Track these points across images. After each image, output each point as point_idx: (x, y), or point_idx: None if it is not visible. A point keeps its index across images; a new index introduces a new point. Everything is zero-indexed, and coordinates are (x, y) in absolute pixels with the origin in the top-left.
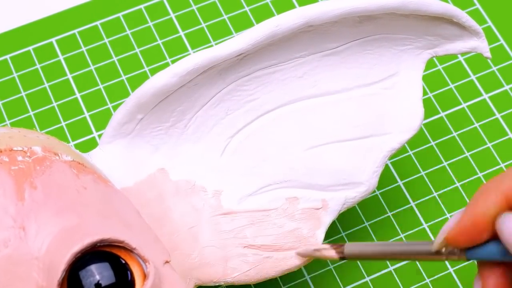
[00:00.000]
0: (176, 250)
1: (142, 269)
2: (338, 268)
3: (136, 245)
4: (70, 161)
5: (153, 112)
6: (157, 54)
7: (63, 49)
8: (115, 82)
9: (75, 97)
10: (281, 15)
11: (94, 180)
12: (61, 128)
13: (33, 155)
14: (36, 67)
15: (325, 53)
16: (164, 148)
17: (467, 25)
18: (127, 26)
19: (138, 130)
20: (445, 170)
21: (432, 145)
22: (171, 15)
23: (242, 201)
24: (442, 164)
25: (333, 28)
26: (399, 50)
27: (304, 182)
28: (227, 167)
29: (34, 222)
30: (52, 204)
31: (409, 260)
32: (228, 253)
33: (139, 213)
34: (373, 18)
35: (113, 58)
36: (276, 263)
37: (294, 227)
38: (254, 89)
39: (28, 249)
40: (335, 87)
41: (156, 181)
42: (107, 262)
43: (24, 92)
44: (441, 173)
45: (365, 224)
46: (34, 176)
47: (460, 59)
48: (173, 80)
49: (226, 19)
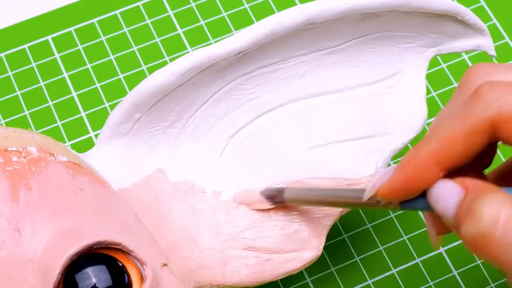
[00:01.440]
0: (174, 252)
1: (139, 272)
2: (339, 271)
3: (133, 247)
4: (66, 161)
5: (151, 111)
6: (155, 52)
7: (59, 47)
8: (112, 80)
9: (71, 96)
10: (282, 12)
11: (90, 181)
12: (57, 127)
13: (28, 156)
14: (32, 65)
15: (327, 51)
16: (162, 148)
17: (472, 22)
18: (124, 23)
19: (135, 130)
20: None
21: None
22: (169, 13)
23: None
24: None
25: (334, 26)
26: (402, 48)
27: (304, 183)
28: (227, 167)
29: (29, 224)
30: (47, 206)
31: (347, 208)
32: (228, 256)
33: (137, 215)
34: (375, 16)
35: (110, 56)
36: (276, 266)
37: (295, 229)
38: (254, 88)
39: (23, 251)
40: (337, 86)
41: (154, 182)
42: (103, 264)
43: (19, 91)
44: None
45: (367, 226)
46: (29, 177)
47: (465, 57)
48: (171, 79)
49: (225, 17)
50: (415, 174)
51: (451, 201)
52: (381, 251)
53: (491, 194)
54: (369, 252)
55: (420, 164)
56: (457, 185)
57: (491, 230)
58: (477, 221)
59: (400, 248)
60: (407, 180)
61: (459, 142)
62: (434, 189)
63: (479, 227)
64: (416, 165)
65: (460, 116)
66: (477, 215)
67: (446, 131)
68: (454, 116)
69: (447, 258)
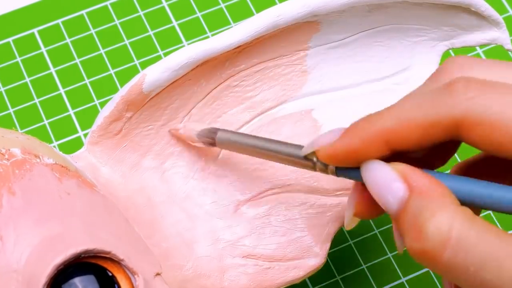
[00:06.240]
0: (168, 260)
1: (130, 282)
2: (345, 280)
3: (124, 256)
4: (52, 164)
5: (143, 110)
6: (148, 46)
7: (45, 41)
8: (103, 76)
9: (59, 93)
10: (284, 4)
11: (78, 184)
12: (44, 127)
13: (12, 158)
14: (16, 60)
15: (331, 45)
16: (155, 149)
17: (486, 14)
18: (115, 15)
19: (127, 129)
20: None
21: None
22: (164, 4)
23: (241, 207)
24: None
25: (340, 18)
26: (412, 42)
27: (307, 186)
28: (224, 170)
29: (12, 231)
30: (32, 212)
31: (280, 163)
32: (226, 264)
33: (128, 221)
34: (383, 7)
35: (100, 50)
36: (277, 275)
37: (297, 235)
38: (253, 85)
39: (6, 260)
40: (342, 82)
41: (147, 185)
42: (92, 274)
43: (3, 88)
44: None
45: (375, 232)
46: (13, 180)
47: (479, 51)
48: (165, 75)
49: (223, 8)
50: (360, 146)
51: (393, 197)
52: (390, 258)
53: (440, 207)
54: (377, 260)
55: (368, 137)
56: (399, 180)
57: (440, 250)
58: (423, 240)
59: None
60: (350, 149)
61: (416, 130)
62: (371, 172)
63: (426, 246)
64: (364, 136)
65: (426, 104)
66: (423, 233)
67: (407, 114)
68: (420, 102)
69: None
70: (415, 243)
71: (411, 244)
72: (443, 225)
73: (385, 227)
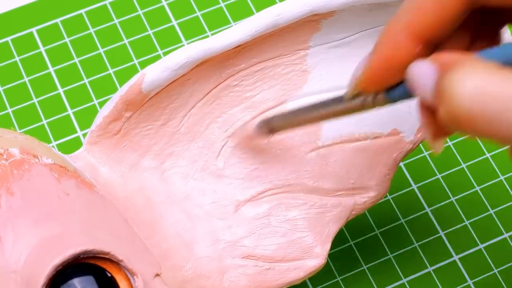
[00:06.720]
0: (168, 261)
1: (130, 283)
2: (346, 281)
3: (123, 256)
4: (51, 164)
5: (143, 109)
6: (147, 46)
7: (44, 40)
8: (102, 76)
9: (58, 93)
10: (284, 3)
11: (77, 185)
12: (42, 127)
13: (10, 158)
14: (15, 59)
15: (332, 44)
16: (154, 149)
17: None
18: (114, 14)
19: (126, 129)
20: (464, 173)
21: (449, 145)
22: (163, 3)
23: (241, 207)
24: (460, 166)
25: (340, 17)
26: None
27: (308, 186)
28: (224, 170)
29: (11, 231)
30: (31, 212)
31: (336, 117)
32: (225, 265)
33: (127, 221)
34: (385, 6)
35: (99, 50)
36: (278, 275)
37: (297, 236)
38: (253, 84)
39: (5, 261)
40: (343, 82)
41: (146, 186)
42: (91, 275)
43: (1, 88)
44: (459, 176)
45: (375, 232)
46: (11, 181)
47: None
48: (164, 75)
49: (223, 7)
50: (391, 52)
51: (428, 84)
52: (391, 259)
53: (457, 66)
54: (377, 260)
55: (394, 39)
56: (431, 62)
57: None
58: (447, 104)
59: (411, 255)
60: (385, 60)
61: (433, 6)
62: (410, 70)
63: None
64: (389, 40)
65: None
66: (446, 95)
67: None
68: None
69: (461, 266)
70: (442, 113)
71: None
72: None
73: (385, 228)
